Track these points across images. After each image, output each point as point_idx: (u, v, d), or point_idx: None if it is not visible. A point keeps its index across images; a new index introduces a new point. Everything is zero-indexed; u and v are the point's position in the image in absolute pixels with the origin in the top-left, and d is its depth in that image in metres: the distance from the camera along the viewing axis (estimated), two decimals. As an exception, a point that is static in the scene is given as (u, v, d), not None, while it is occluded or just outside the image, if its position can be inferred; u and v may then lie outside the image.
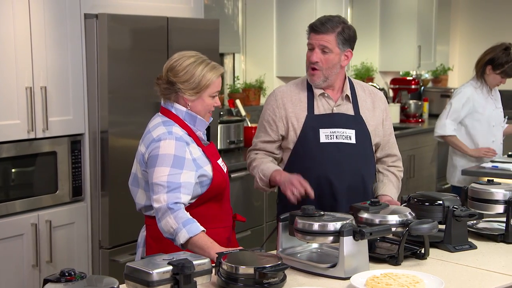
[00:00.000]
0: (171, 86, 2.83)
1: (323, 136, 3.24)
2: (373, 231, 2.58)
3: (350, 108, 3.31)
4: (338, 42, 3.21)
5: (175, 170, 2.74)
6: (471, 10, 9.03)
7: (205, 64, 2.83)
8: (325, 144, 3.24)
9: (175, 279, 2.21)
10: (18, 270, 3.87)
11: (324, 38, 3.20)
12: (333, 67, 3.23)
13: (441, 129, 5.18)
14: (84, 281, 2.13)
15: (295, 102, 3.31)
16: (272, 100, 3.35)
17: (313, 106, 3.30)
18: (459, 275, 2.62)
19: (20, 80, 3.80)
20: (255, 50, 6.43)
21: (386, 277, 2.46)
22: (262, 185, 3.29)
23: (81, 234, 4.17)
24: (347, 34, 3.23)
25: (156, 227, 2.79)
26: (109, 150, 4.11)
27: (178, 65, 2.81)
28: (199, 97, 2.85)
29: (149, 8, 4.45)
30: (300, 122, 3.27)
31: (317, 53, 3.21)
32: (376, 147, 3.38)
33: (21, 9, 3.78)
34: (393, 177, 3.42)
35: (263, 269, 2.35)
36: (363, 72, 7.60)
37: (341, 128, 3.26)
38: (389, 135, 3.42)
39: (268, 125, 3.33)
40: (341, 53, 3.23)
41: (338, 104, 3.30)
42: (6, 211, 3.80)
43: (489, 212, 3.14)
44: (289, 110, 3.30)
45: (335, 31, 3.21)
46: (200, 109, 2.87)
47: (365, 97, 3.36)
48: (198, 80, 2.81)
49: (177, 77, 2.81)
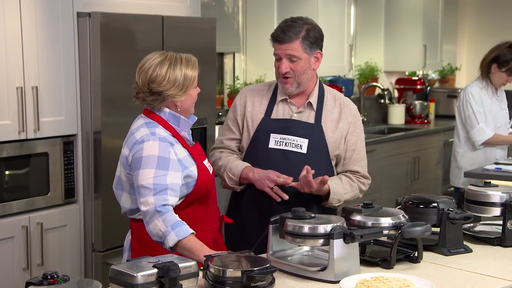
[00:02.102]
0: (159, 96, 2.79)
1: (272, 141, 3.17)
2: (364, 234, 2.53)
3: (311, 116, 3.21)
4: (305, 48, 3.11)
5: (160, 172, 2.69)
6: (479, 8, 8.92)
7: (179, 62, 2.79)
8: (273, 150, 3.17)
9: (160, 282, 2.18)
10: (8, 273, 3.81)
11: (289, 47, 3.10)
12: (304, 72, 3.14)
13: (481, 135, 5.11)
14: (67, 284, 2.12)
15: (255, 103, 3.26)
16: (237, 98, 3.33)
17: (272, 110, 3.23)
18: (452, 278, 2.56)
19: (11, 80, 3.75)
20: (256, 49, 6.36)
21: (376, 280, 2.42)
22: (232, 184, 3.22)
23: (74, 237, 4.11)
24: (312, 37, 3.12)
25: (141, 230, 2.75)
26: (102, 151, 4.06)
27: (157, 75, 2.76)
28: (187, 94, 2.82)
29: (143, 6, 4.38)
30: (254, 124, 3.22)
31: (285, 63, 3.11)
32: (338, 160, 3.25)
33: (12, 7, 3.73)
34: (345, 177, 3.23)
35: (250, 272, 2.30)
36: (367, 72, 7.51)
37: (293, 136, 3.17)
38: (353, 151, 3.24)
39: (232, 122, 3.30)
40: (309, 57, 3.13)
41: (299, 111, 3.22)
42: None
43: (485, 215, 3.06)
44: (248, 110, 3.26)
45: (299, 37, 3.10)
46: (189, 105, 2.86)
47: (332, 107, 3.24)
48: (182, 80, 2.78)
49: (161, 86, 2.76)
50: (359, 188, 3.27)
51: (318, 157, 3.16)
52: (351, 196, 3.23)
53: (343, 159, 3.25)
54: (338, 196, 3.16)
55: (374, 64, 7.63)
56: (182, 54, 2.83)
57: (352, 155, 3.25)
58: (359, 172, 3.27)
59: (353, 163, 3.25)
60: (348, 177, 3.24)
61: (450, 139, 7.28)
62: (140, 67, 2.81)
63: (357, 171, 3.27)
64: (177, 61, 2.79)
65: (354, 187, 3.24)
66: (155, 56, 2.80)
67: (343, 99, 3.30)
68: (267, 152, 3.17)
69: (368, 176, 3.31)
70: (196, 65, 2.83)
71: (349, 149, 3.24)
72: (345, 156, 3.24)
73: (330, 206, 3.20)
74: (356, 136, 3.26)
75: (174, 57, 2.80)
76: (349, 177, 3.25)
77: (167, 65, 2.77)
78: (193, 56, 2.86)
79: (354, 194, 3.25)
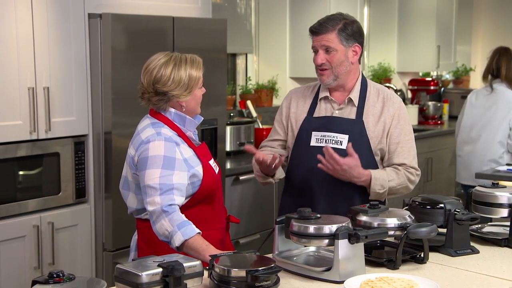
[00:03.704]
0: (164, 96, 2.81)
1: (313, 139, 3.19)
2: (369, 234, 2.52)
3: (353, 112, 3.22)
4: (341, 39, 3.14)
5: (166, 171, 2.70)
6: (494, 9, 8.87)
7: (184, 62, 2.81)
8: (314, 148, 3.18)
9: (164, 281, 2.18)
10: (20, 272, 3.84)
11: (324, 38, 3.15)
12: (341, 64, 3.17)
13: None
14: (72, 282, 2.13)
15: (299, 103, 3.31)
16: (284, 100, 3.41)
17: (314, 108, 3.27)
18: (457, 279, 2.55)
19: (23, 81, 3.78)
20: (268, 50, 6.38)
21: (381, 281, 2.41)
22: (262, 180, 3.28)
23: (84, 236, 4.14)
24: (349, 30, 3.16)
25: (147, 230, 2.76)
26: (113, 152, 4.08)
27: (161, 75, 2.78)
28: (191, 94, 2.83)
29: (154, 7, 4.40)
30: (298, 124, 3.27)
31: (321, 54, 3.17)
32: (382, 154, 3.24)
33: (23, 8, 3.76)
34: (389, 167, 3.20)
35: (255, 272, 2.31)
36: (381, 73, 7.50)
37: (333, 133, 3.19)
38: (397, 144, 3.20)
39: (277, 124, 3.37)
40: (346, 49, 3.16)
41: (340, 107, 3.24)
42: (7, 212, 3.78)
43: (493, 216, 3.05)
44: (292, 110, 3.32)
45: (335, 29, 3.15)
46: (194, 105, 2.87)
47: (375, 102, 3.24)
48: (187, 80, 2.80)
49: (166, 86, 2.79)
50: (407, 177, 3.19)
51: (359, 152, 3.12)
52: (397, 183, 3.16)
53: (387, 152, 3.21)
54: (381, 182, 3.11)
55: (387, 65, 7.61)
56: (187, 55, 2.85)
57: (396, 148, 3.21)
58: (405, 164, 3.20)
59: (397, 156, 3.20)
60: (393, 167, 3.20)
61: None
62: (145, 67, 2.83)
63: (402, 163, 3.20)
64: (182, 61, 2.80)
65: (400, 175, 3.17)
66: (160, 56, 2.82)
67: (387, 92, 3.28)
68: (309, 150, 3.19)
69: (416, 167, 3.24)
70: (201, 65, 2.85)
71: (393, 142, 3.21)
72: (389, 150, 3.21)
73: (375, 194, 3.13)
74: (400, 129, 3.22)
75: (179, 57, 2.81)
76: (395, 167, 3.20)
77: (171, 66, 2.78)
78: (198, 57, 2.88)
79: (401, 181, 3.17)
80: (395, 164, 3.21)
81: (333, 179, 3.11)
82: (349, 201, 3.11)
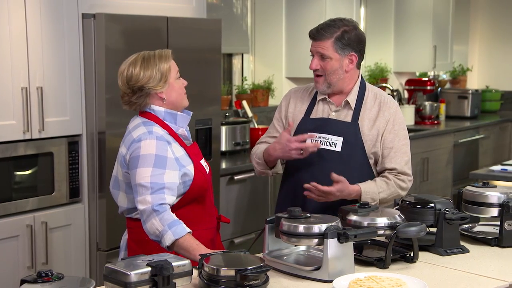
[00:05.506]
0: (141, 92, 2.83)
1: (308, 140, 3.18)
2: (358, 234, 2.54)
3: (349, 114, 3.23)
4: (336, 48, 3.14)
5: (158, 170, 2.70)
6: (491, 9, 8.87)
7: (152, 57, 2.83)
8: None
9: (153, 280, 2.19)
10: (13, 272, 3.84)
11: (320, 45, 3.17)
12: (334, 72, 3.18)
13: None
14: (61, 281, 2.14)
15: (298, 104, 3.34)
16: (283, 98, 3.43)
17: (312, 109, 3.29)
18: (446, 278, 2.56)
19: (16, 81, 3.78)
20: (264, 50, 6.38)
21: (369, 280, 2.42)
22: (261, 169, 3.30)
23: (78, 236, 4.14)
24: (346, 38, 3.15)
25: (138, 230, 2.77)
26: (106, 151, 4.08)
27: (132, 72, 2.81)
28: (168, 84, 2.83)
29: (148, 7, 4.41)
30: (294, 125, 3.28)
31: (316, 60, 3.19)
32: (376, 158, 3.23)
33: (17, 8, 3.76)
34: (379, 178, 3.21)
35: (244, 271, 2.32)
36: (377, 73, 7.51)
37: (327, 134, 3.20)
38: (390, 148, 3.20)
39: (276, 121, 3.40)
40: (342, 58, 3.16)
41: (337, 109, 3.25)
42: (0, 212, 3.78)
43: (483, 216, 3.05)
44: (290, 110, 3.34)
45: (332, 37, 3.14)
46: (175, 96, 2.86)
47: (372, 106, 3.24)
48: (158, 70, 2.81)
49: (140, 81, 2.80)
50: (398, 185, 3.18)
51: (353, 155, 3.15)
52: (387, 194, 3.16)
53: (381, 156, 3.21)
54: (371, 195, 3.11)
55: (384, 65, 7.61)
56: (156, 51, 2.87)
57: (389, 153, 3.20)
58: (396, 169, 3.19)
59: (389, 161, 3.20)
60: (383, 177, 3.20)
61: (460, 140, 7.26)
62: (118, 71, 2.88)
63: (393, 168, 3.19)
64: (150, 57, 2.83)
65: (391, 185, 3.17)
66: (130, 58, 2.87)
67: (384, 97, 3.28)
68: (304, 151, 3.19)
69: (408, 173, 3.22)
70: (169, 56, 2.86)
71: (386, 147, 3.21)
72: (382, 154, 3.21)
73: None
74: (395, 134, 3.21)
75: (147, 54, 2.85)
76: (385, 176, 3.19)
77: (140, 62, 2.82)
78: (167, 49, 2.90)
79: (391, 191, 3.17)
80: (387, 168, 3.21)
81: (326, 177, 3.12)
82: (343, 199, 3.11)
